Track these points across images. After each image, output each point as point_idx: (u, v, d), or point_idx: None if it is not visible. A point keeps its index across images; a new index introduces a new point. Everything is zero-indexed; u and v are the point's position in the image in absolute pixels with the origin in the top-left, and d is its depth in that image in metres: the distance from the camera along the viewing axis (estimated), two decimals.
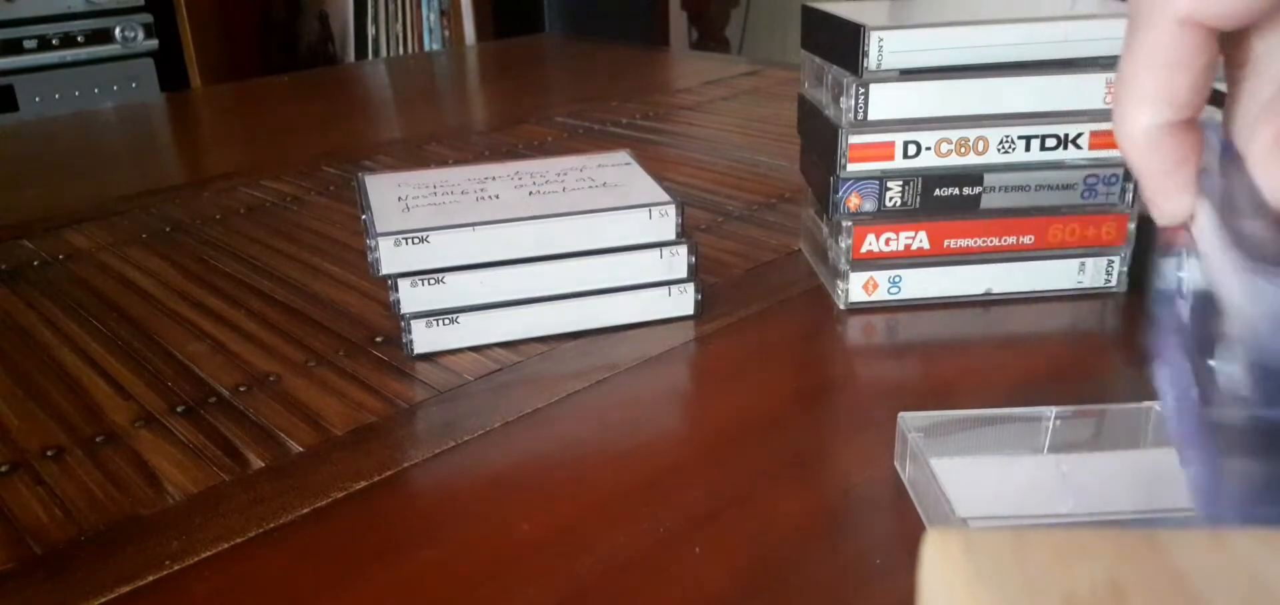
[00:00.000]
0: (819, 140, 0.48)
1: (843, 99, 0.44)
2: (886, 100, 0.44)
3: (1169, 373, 0.22)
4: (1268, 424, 0.20)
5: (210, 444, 0.38)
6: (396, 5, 2.20)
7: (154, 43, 1.95)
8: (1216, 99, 0.23)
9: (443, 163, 0.77)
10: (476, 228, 0.43)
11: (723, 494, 0.34)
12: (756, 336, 0.45)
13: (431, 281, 0.43)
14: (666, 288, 0.46)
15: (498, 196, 0.47)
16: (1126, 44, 0.22)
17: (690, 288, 0.46)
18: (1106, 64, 0.44)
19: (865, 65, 0.43)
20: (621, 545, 0.31)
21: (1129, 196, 0.46)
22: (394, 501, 0.34)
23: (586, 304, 0.45)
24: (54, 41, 1.84)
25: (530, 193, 0.47)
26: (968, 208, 0.46)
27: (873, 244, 0.46)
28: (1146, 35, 0.22)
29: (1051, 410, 0.34)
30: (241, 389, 0.42)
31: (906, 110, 0.44)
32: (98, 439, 0.39)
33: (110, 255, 0.59)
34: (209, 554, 0.32)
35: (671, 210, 0.45)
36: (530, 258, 0.44)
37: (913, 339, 0.45)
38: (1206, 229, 0.22)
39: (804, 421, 0.38)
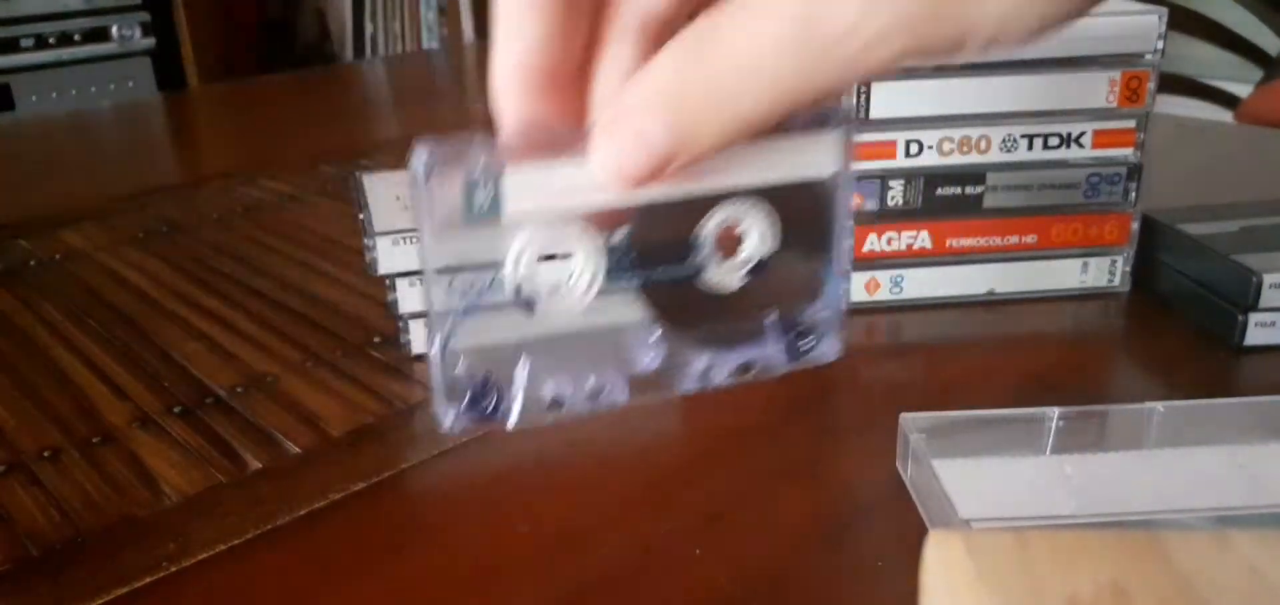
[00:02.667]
0: None
1: (844, 98, 0.44)
2: (888, 99, 0.44)
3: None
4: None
5: (207, 445, 0.38)
6: (394, 3, 2.20)
7: (151, 41, 1.95)
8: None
9: None
10: None
11: (723, 495, 0.33)
12: None
13: None
14: None
15: None
16: None
17: None
18: (1110, 62, 0.43)
19: None
20: (621, 546, 0.31)
21: (1132, 196, 0.46)
22: (392, 502, 0.34)
23: None
24: (51, 40, 1.84)
25: None
26: (970, 207, 0.46)
27: (874, 244, 0.46)
28: None
29: (1054, 411, 0.34)
30: (239, 390, 0.42)
31: (908, 109, 0.44)
32: (94, 440, 0.39)
33: (107, 255, 0.59)
34: (206, 556, 0.31)
35: None
36: None
37: (915, 339, 0.45)
38: None
39: (805, 422, 0.38)
